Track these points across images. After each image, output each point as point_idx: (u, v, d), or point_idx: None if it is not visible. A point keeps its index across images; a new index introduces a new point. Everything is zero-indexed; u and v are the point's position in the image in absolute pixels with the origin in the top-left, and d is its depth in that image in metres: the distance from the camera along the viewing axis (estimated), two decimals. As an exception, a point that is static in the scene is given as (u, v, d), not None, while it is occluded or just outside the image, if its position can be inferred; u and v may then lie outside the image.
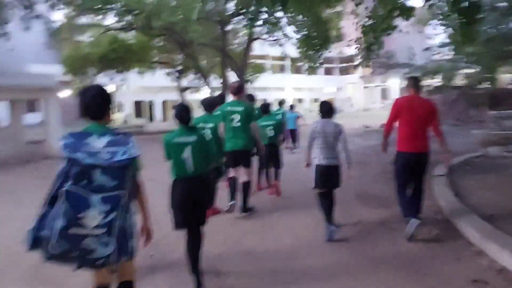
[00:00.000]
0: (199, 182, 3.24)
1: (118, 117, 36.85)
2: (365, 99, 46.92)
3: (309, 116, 16.79)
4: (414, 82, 4.38)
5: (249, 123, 5.01)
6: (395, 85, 42.58)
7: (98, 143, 1.91)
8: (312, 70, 9.25)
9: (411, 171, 4.25)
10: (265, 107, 6.49)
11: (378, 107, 43.82)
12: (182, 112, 3.28)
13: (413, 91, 4.32)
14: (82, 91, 2.19)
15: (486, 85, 17.09)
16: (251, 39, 17.53)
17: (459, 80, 17.49)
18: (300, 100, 45.11)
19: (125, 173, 1.91)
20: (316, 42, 7.53)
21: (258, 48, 22.51)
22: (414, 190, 4.33)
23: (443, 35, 17.37)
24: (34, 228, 1.81)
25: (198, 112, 4.79)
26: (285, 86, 43.40)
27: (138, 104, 38.30)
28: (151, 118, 38.87)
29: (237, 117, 4.93)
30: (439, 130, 4.33)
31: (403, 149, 4.28)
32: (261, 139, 5.31)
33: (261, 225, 4.95)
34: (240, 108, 5.00)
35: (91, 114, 2.15)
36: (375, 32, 6.53)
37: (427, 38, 20.42)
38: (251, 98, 6.85)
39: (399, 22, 6.80)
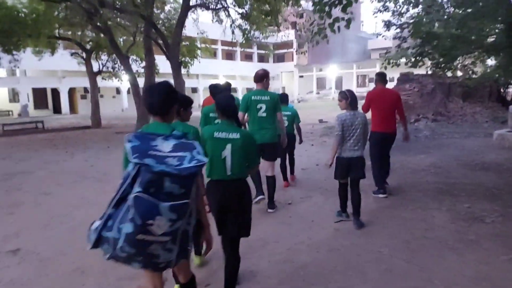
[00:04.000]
0: (237, 187, 2.73)
1: (13, 109, 29.89)
2: (300, 89, 44.93)
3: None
4: (381, 78, 5.34)
5: (275, 113, 4.68)
6: (333, 74, 41.09)
7: (165, 146, 1.80)
8: (324, 36, 5.67)
9: (382, 145, 5.33)
10: (284, 97, 6.33)
11: (314, 97, 42.03)
12: (228, 102, 2.80)
13: (381, 85, 5.37)
14: (148, 87, 2.13)
15: (451, 73, 15.38)
16: (187, 5, 13.28)
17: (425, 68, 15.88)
18: (233, 90, 41.48)
19: (193, 180, 1.79)
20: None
21: (189, 27, 18.29)
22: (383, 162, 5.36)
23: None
24: (99, 228, 1.76)
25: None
26: (217, 73, 39.43)
27: (38, 92, 31.25)
28: (55, 110, 32.16)
29: (263, 107, 4.58)
30: (402, 113, 5.44)
31: (376, 129, 5.28)
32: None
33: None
34: (266, 97, 4.62)
35: (155, 111, 2.08)
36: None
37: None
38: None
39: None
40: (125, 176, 1.74)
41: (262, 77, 4.65)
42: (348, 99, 4.09)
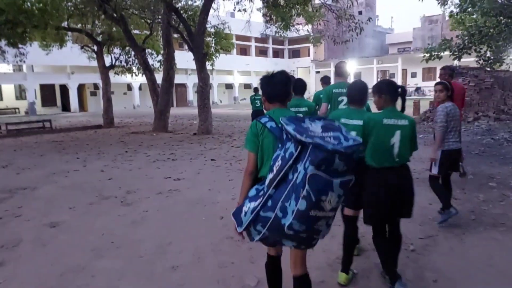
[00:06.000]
0: (405, 172, 2.76)
1: (20, 106, 28.53)
2: (317, 85, 43.09)
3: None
4: (451, 72, 5.31)
5: None
6: (351, 69, 39.17)
7: (315, 128, 1.83)
8: None
9: None
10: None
11: (332, 93, 40.18)
12: (396, 88, 2.77)
13: (450, 79, 5.12)
14: (269, 76, 2.22)
15: (497, 67, 13.62)
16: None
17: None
18: (248, 86, 39.79)
19: (353, 158, 1.83)
20: None
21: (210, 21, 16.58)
22: None
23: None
24: (257, 208, 1.84)
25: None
26: (232, 69, 37.80)
27: (46, 89, 29.83)
28: (64, 107, 30.72)
29: (344, 99, 4.53)
30: (462, 107, 5.40)
31: None
32: None
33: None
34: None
35: (277, 99, 2.20)
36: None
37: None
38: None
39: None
40: (285, 157, 1.77)
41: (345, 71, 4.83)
42: (449, 90, 4.12)
